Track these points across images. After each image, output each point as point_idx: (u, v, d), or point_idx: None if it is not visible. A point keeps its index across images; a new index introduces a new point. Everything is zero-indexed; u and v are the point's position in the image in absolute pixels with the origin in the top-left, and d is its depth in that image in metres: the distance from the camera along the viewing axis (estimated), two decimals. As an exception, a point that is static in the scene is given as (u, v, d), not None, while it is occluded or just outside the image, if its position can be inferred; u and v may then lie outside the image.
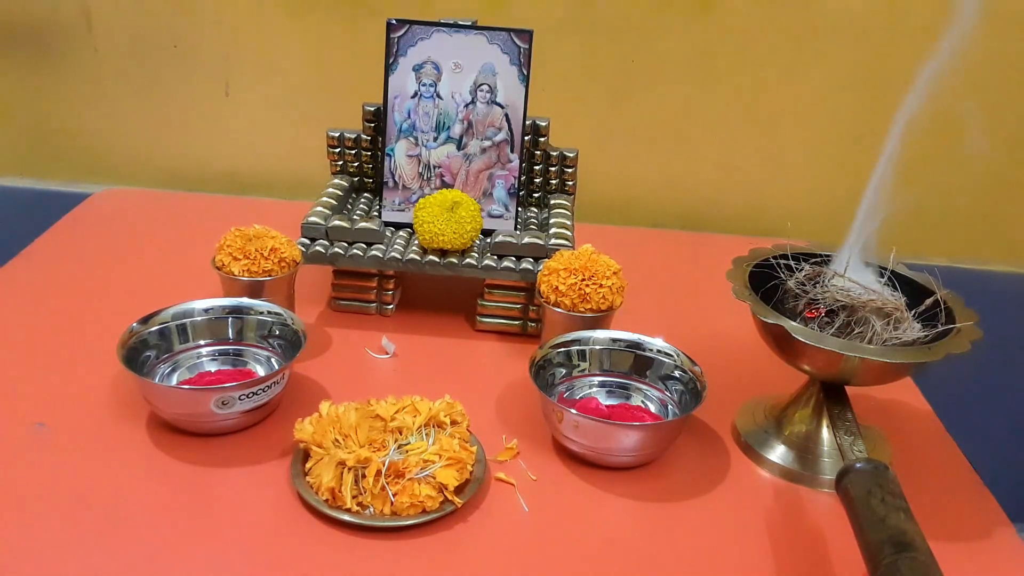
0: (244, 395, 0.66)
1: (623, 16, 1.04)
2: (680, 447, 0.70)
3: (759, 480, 0.69)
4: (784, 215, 1.13)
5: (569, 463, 0.68)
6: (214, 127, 1.14)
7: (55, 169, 1.18)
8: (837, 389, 0.68)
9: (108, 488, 0.62)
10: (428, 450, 0.62)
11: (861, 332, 0.65)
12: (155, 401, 0.67)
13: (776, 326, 0.64)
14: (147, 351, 0.71)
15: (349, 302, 0.87)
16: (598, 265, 0.76)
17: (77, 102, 1.14)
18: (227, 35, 1.09)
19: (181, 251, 0.97)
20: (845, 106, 1.06)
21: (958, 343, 0.63)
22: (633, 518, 0.64)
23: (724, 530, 0.63)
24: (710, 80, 1.07)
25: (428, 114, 0.86)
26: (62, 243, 0.99)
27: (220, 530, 0.59)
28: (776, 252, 0.73)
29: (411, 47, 0.84)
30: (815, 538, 0.63)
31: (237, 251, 0.77)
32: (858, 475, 0.56)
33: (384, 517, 0.60)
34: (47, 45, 1.11)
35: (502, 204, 0.88)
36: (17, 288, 0.89)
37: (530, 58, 0.83)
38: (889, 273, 0.70)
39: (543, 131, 0.89)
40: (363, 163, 0.93)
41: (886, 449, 0.72)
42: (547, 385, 0.73)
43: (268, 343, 0.75)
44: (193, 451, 0.66)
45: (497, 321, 0.86)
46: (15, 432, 0.67)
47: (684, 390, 0.72)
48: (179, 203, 1.14)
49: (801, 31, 1.03)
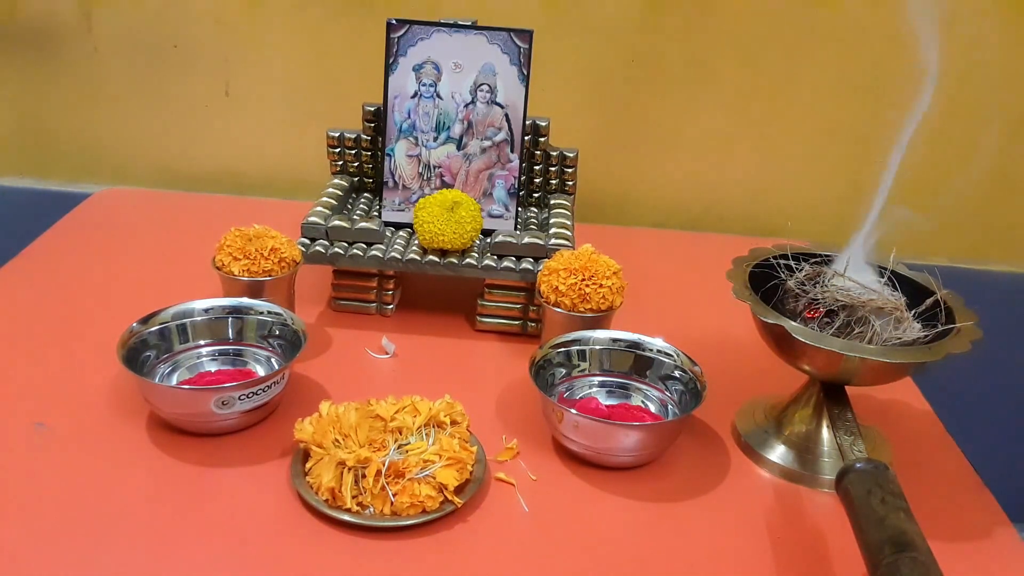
0: (244, 395, 0.66)
1: (623, 16, 1.04)
2: (680, 447, 0.70)
3: (759, 480, 0.69)
4: (784, 215, 1.13)
5: (569, 463, 0.68)
6: (214, 127, 1.14)
7: (55, 169, 1.18)
8: (837, 389, 0.68)
9: (108, 488, 0.62)
10: (428, 450, 0.62)
11: (861, 332, 0.65)
12: (155, 401, 0.67)
13: (776, 326, 0.64)
14: (147, 351, 0.71)
15: (349, 302, 0.87)
16: (598, 265, 0.76)
17: (77, 102, 1.14)
18: (227, 35, 1.09)
19: (181, 251, 0.97)
20: (845, 106, 1.06)
21: (958, 343, 0.63)
22: (633, 518, 0.64)
23: (724, 530, 0.63)
24: (710, 80, 1.07)
25: (428, 114, 0.86)
26: (62, 243, 0.99)
27: (220, 530, 0.59)
28: (776, 252, 0.73)
29: (411, 47, 0.84)
30: (815, 538, 0.63)
31: (237, 251, 0.77)
32: (858, 475, 0.56)
33: (384, 517, 0.60)
34: (47, 45, 1.11)
35: (502, 204, 0.88)
36: (17, 288, 0.89)
37: (530, 58, 0.83)
38: (889, 273, 0.70)
39: (543, 131, 0.89)
40: (363, 163, 0.93)
41: (886, 449, 0.72)
42: (547, 385, 0.73)
43: (268, 343, 0.75)
44: (193, 451, 0.66)
45: (497, 321, 0.86)
46: (15, 432, 0.67)
47: (684, 390, 0.72)
48: (179, 203, 1.14)
49: (801, 31, 1.03)
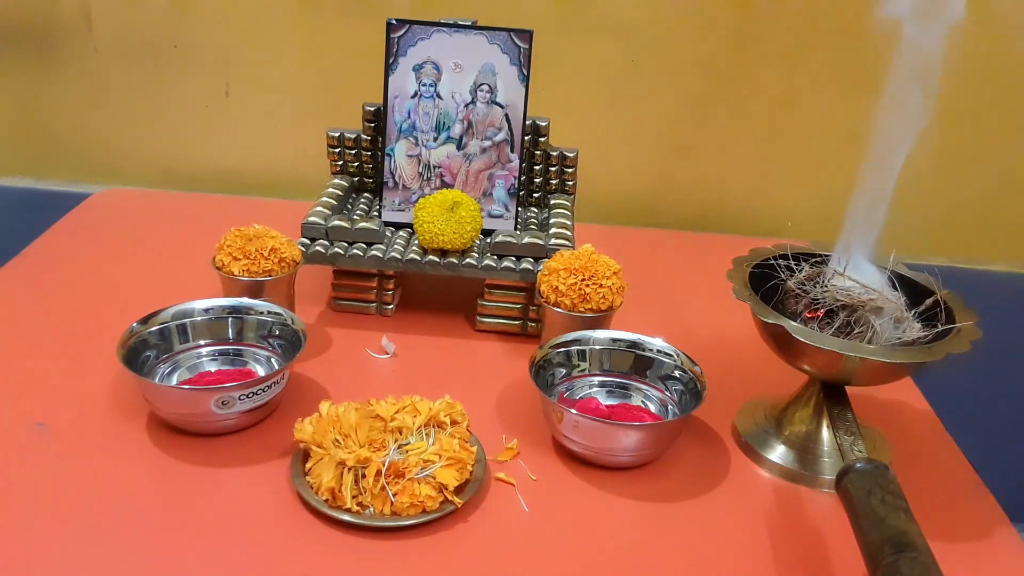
0: (244, 395, 0.66)
1: (623, 16, 1.04)
2: (680, 447, 0.70)
3: (759, 480, 0.69)
4: (784, 215, 1.13)
5: (569, 463, 0.68)
6: (214, 127, 1.14)
7: (55, 169, 1.18)
8: (837, 389, 0.68)
9: (108, 488, 0.62)
10: (428, 450, 0.62)
11: (861, 332, 0.65)
12: (155, 401, 0.67)
13: (776, 326, 0.64)
14: (147, 351, 0.71)
15: (349, 302, 0.87)
16: (598, 265, 0.76)
17: (77, 102, 1.14)
18: (227, 35, 1.09)
19: (181, 251, 0.97)
20: (845, 105, 1.06)
21: (958, 343, 0.63)
22: (633, 518, 0.64)
23: (724, 530, 0.63)
24: (709, 80, 1.07)
25: (428, 114, 0.86)
26: (62, 243, 0.99)
27: (220, 530, 0.59)
28: (776, 252, 0.73)
29: (411, 47, 0.84)
30: (815, 538, 0.63)
31: (237, 251, 0.77)
32: (858, 475, 0.56)
33: (384, 517, 0.60)
34: (47, 45, 1.11)
35: (502, 204, 0.88)
36: (17, 288, 0.89)
37: (530, 58, 0.83)
38: (889, 273, 0.70)
39: (543, 131, 0.89)
40: (363, 163, 0.93)
41: (886, 449, 0.72)
42: (547, 385, 0.73)
43: (268, 343, 0.75)
44: (193, 451, 0.66)
45: (497, 321, 0.86)
46: (15, 432, 0.67)
47: (684, 390, 0.72)
48: (179, 203, 1.14)
49: (801, 31, 1.03)
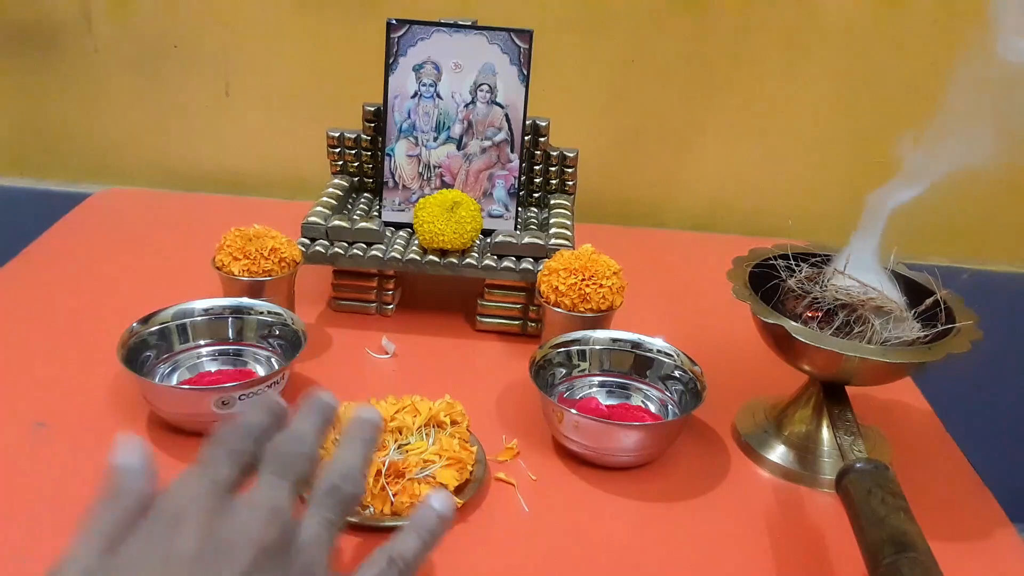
0: (244, 395, 0.65)
1: (623, 16, 1.04)
2: (680, 447, 0.70)
3: (759, 480, 0.69)
4: (784, 215, 1.13)
5: (569, 463, 0.68)
6: (214, 127, 1.14)
7: (55, 169, 1.18)
8: (837, 389, 0.68)
9: (108, 488, 0.62)
10: (428, 450, 0.62)
11: (861, 332, 0.65)
12: (155, 401, 0.67)
13: (776, 326, 0.64)
14: (147, 351, 0.71)
15: (349, 302, 0.87)
16: (598, 265, 0.76)
17: (77, 102, 1.14)
18: (227, 35, 1.09)
19: (181, 251, 0.97)
20: (845, 105, 1.06)
21: (958, 343, 0.63)
22: (633, 518, 0.64)
23: (724, 530, 0.63)
24: (709, 80, 1.07)
25: (428, 114, 0.86)
26: (62, 243, 0.99)
27: (220, 530, 0.59)
28: (776, 252, 0.73)
29: (411, 47, 0.84)
30: (815, 538, 0.63)
31: (237, 251, 0.77)
32: (858, 475, 0.56)
33: (384, 517, 0.60)
34: (47, 45, 1.11)
35: (502, 204, 0.88)
36: (17, 288, 0.89)
37: (530, 58, 0.83)
38: (889, 273, 0.70)
39: (543, 131, 0.89)
40: (363, 163, 0.93)
41: (886, 449, 0.72)
42: (547, 385, 0.73)
43: (268, 343, 0.75)
44: (193, 451, 0.65)
45: (497, 321, 0.86)
46: (15, 432, 0.67)
47: (684, 390, 0.72)
48: (179, 203, 1.14)
49: (800, 31, 1.03)
